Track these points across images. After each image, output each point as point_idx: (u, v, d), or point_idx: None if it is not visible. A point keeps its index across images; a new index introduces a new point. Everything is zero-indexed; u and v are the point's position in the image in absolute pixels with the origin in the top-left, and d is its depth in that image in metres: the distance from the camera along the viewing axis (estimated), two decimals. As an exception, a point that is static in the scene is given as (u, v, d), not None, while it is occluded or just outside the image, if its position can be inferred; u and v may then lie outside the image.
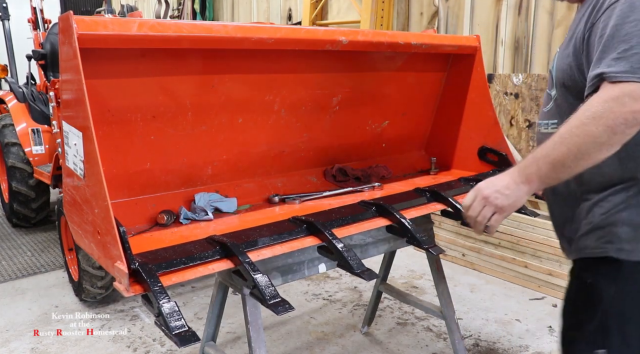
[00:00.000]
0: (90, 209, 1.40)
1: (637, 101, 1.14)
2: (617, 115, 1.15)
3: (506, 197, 1.32)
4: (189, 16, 7.26)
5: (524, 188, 1.30)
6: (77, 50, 1.29)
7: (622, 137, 1.16)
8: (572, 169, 1.23)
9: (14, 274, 3.76)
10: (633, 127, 1.15)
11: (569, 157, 1.22)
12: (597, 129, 1.17)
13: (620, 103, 1.15)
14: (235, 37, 1.63)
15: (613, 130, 1.15)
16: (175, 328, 1.20)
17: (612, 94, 1.16)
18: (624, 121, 1.14)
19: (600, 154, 1.19)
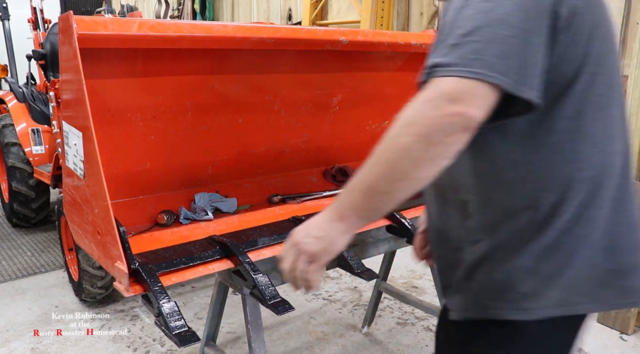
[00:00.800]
0: (90, 209, 1.41)
1: (454, 101, 0.88)
2: (430, 121, 0.89)
3: (318, 241, 0.99)
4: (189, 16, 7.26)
5: (339, 227, 0.98)
6: (77, 50, 1.29)
7: (444, 148, 0.89)
8: (391, 194, 0.93)
9: (14, 274, 3.75)
10: (453, 134, 0.88)
11: (382, 179, 0.93)
12: (408, 139, 0.90)
13: (434, 105, 0.89)
14: (235, 37, 1.63)
15: (428, 140, 0.88)
16: (176, 328, 1.21)
17: (429, 94, 0.92)
18: (439, 127, 0.88)
19: (420, 171, 0.91)
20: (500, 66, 0.88)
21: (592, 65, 0.97)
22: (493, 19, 0.91)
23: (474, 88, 0.88)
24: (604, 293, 1.02)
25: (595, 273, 1.01)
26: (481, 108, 0.88)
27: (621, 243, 1.03)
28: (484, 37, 0.90)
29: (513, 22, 0.90)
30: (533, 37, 0.91)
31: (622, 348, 2.69)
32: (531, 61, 0.91)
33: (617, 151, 1.02)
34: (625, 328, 2.80)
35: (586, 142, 0.98)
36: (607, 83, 1.00)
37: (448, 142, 0.89)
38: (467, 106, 0.87)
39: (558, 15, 0.93)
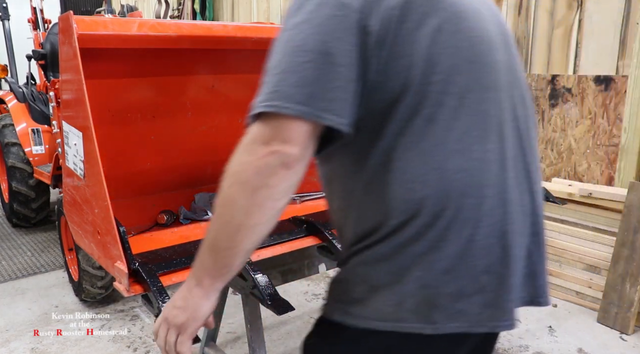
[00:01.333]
0: (90, 209, 1.41)
1: (266, 142, 0.85)
2: (247, 167, 0.86)
3: (182, 311, 0.96)
4: (189, 16, 7.26)
5: (198, 292, 0.95)
6: (77, 50, 1.29)
7: (269, 190, 0.86)
8: (235, 248, 0.90)
9: (14, 274, 3.75)
10: (273, 175, 0.85)
11: (221, 235, 0.90)
12: (232, 190, 0.88)
13: (249, 150, 0.88)
14: (235, 37, 1.63)
15: (250, 186, 0.86)
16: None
17: (244, 140, 0.90)
18: (257, 171, 0.85)
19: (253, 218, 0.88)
20: (297, 95, 0.84)
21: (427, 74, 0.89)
22: (291, 48, 0.88)
23: (279, 123, 0.85)
24: (435, 314, 0.95)
25: (426, 293, 0.94)
26: (295, 142, 0.85)
27: (463, 267, 0.93)
28: (282, 68, 0.87)
29: (310, 47, 0.86)
30: (334, 59, 0.86)
31: (622, 348, 2.69)
32: (333, 85, 0.86)
33: (465, 167, 0.91)
34: (625, 328, 2.80)
35: (418, 161, 0.90)
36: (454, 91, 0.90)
37: (271, 183, 0.85)
38: (279, 143, 0.84)
39: (368, 31, 0.87)
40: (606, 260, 2.93)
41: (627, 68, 3.10)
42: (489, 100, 0.94)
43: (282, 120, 0.85)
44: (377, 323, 0.97)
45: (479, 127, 0.92)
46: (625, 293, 2.79)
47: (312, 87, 0.85)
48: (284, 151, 0.84)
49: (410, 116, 0.89)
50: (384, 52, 0.89)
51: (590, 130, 3.34)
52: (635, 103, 3.03)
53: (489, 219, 0.93)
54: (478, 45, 0.94)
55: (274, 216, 0.89)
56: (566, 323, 2.97)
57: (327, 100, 0.85)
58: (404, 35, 0.88)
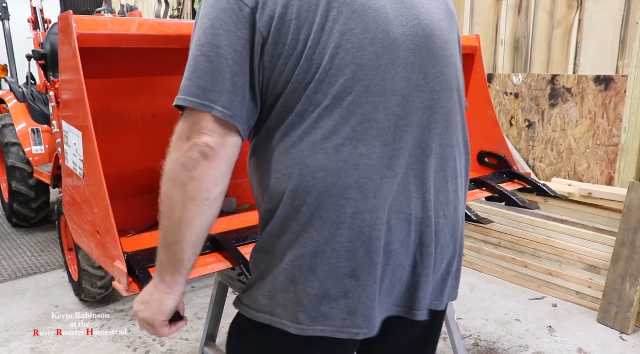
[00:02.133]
0: (90, 209, 1.41)
1: (186, 137, 0.90)
2: (174, 164, 0.91)
3: (147, 306, 1.01)
4: (189, 16, 7.26)
5: (162, 288, 0.99)
6: (76, 50, 1.29)
7: (197, 182, 0.89)
8: (181, 242, 0.93)
9: (14, 274, 3.76)
10: (196, 167, 0.88)
11: (167, 232, 0.94)
12: (167, 187, 0.92)
13: (175, 147, 0.92)
14: (235, 37, 1.63)
15: (179, 181, 0.90)
16: None
17: (171, 142, 0.95)
18: (182, 166, 0.89)
19: (190, 212, 0.90)
20: (190, 88, 0.89)
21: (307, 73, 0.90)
22: (193, 43, 0.93)
23: (191, 117, 0.90)
24: (300, 314, 0.95)
25: (294, 290, 0.94)
26: (206, 132, 0.88)
27: (326, 268, 0.93)
28: (188, 63, 0.92)
29: (204, 41, 0.90)
30: (224, 53, 0.89)
31: (622, 348, 2.69)
32: (222, 77, 0.89)
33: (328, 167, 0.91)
34: (625, 328, 2.80)
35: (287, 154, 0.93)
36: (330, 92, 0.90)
37: (196, 175, 0.89)
38: (196, 135, 0.88)
39: (256, 26, 0.90)
40: (606, 260, 2.93)
41: (627, 68, 3.10)
42: (373, 103, 0.92)
43: (192, 113, 0.90)
44: (254, 313, 1.00)
45: (353, 129, 0.91)
46: (625, 293, 2.79)
47: (204, 80, 0.89)
48: (200, 141, 0.88)
49: (286, 112, 0.93)
50: (269, 49, 0.91)
51: (590, 130, 3.34)
52: (635, 103, 3.03)
53: (353, 223, 0.92)
54: (370, 47, 0.92)
55: (210, 206, 0.92)
56: (566, 323, 2.97)
57: (216, 92, 0.88)
58: (287, 34, 0.90)
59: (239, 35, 0.90)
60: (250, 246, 1.50)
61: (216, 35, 0.90)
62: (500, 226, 3.60)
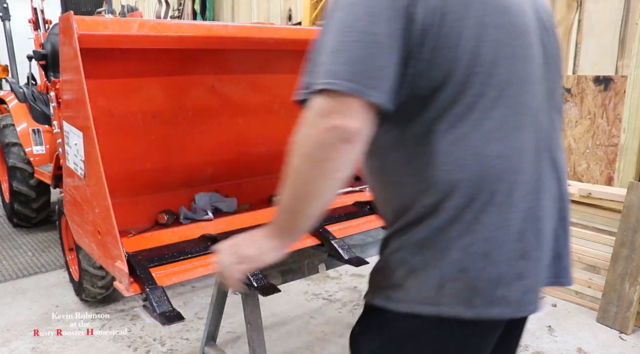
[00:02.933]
0: (91, 209, 1.41)
1: (325, 116, 0.90)
2: (309, 140, 0.91)
3: (251, 248, 1.07)
4: (189, 16, 7.26)
5: (270, 243, 1.05)
6: (77, 50, 1.30)
7: (331, 163, 0.91)
8: (304, 212, 0.97)
9: (14, 274, 3.76)
10: (333, 148, 0.89)
11: (292, 200, 0.98)
12: (298, 161, 0.94)
13: (311, 124, 0.92)
14: (235, 37, 1.63)
15: (313, 158, 0.91)
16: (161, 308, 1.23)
17: (306, 115, 0.94)
18: (318, 145, 0.90)
19: (318, 187, 0.94)
20: (345, 73, 0.89)
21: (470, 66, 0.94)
22: (341, 28, 0.92)
23: (335, 99, 0.90)
24: (474, 298, 0.98)
25: (465, 277, 0.97)
26: (353, 116, 0.89)
27: (500, 251, 0.97)
28: (333, 47, 0.92)
29: (359, 28, 0.91)
30: (381, 40, 0.90)
31: (622, 348, 2.69)
32: (378, 64, 0.91)
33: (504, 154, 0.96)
34: (624, 327, 2.80)
35: (459, 145, 0.95)
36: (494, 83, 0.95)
37: (332, 156, 0.90)
38: (339, 117, 0.89)
39: (413, 18, 0.91)
40: (605, 260, 2.93)
41: (626, 68, 3.10)
42: (526, 92, 0.99)
43: (337, 96, 0.90)
44: (418, 307, 1.01)
45: (516, 117, 0.98)
46: (624, 293, 2.79)
47: (359, 65, 0.90)
48: (343, 125, 0.89)
49: (450, 104, 0.95)
50: (430, 42, 0.93)
51: (589, 130, 3.35)
52: (635, 103, 3.03)
53: (522, 205, 0.98)
54: (517, 40, 0.98)
55: (338, 185, 0.94)
56: (566, 323, 2.97)
57: (372, 78, 0.90)
58: (448, 26, 0.92)
59: (394, 24, 0.91)
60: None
61: (372, 22, 0.90)
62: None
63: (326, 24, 0.97)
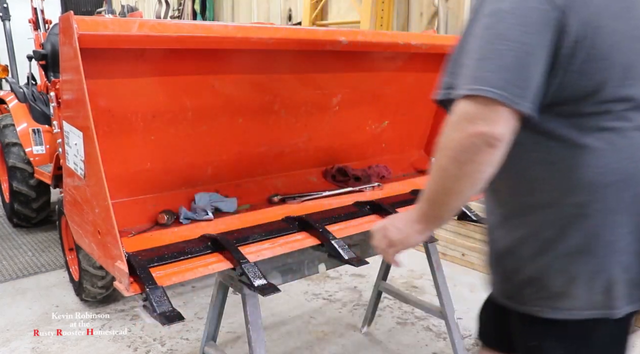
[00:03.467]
0: (91, 209, 1.41)
1: (471, 122, 0.95)
2: (456, 143, 0.97)
3: (398, 232, 1.17)
4: (189, 16, 7.26)
5: (415, 227, 1.14)
6: (77, 50, 1.30)
7: (475, 165, 0.96)
8: (448, 205, 1.06)
9: (14, 274, 3.76)
10: (478, 152, 0.95)
11: (436, 194, 1.06)
12: (444, 161, 1.01)
13: (457, 128, 0.98)
14: (235, 37, 1.63)
15: (459, 160, 0.97)
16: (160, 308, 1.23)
17: (453, 119, 1.00)
18: (464, 149, 0.96)
19: (462, 185, 1.00)
20: (494, 80, 0.93)
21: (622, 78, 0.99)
22: (493, 35, 0.96)
23: (482, 105, 0.94)
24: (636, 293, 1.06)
25: (629, 276, 1.05)
26: (499, 123, 0.94)
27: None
28: (482, 53, 0.96)
29: (511, 37, 0.94)
30: (532, 50, 0.94)
31: (622, 348, 2.69)
32: (528, 74, 0.94)
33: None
34: (625, 327, 2.79)
35: (610, 150, 1.01)
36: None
37: (477, 159, 0.96)
38: (484, 123, 0.94)
39: (565, 30, 0.95)
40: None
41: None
42: None
43: (485, 102, 0.94)
44: (588, 312, 1.07)
45: None
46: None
47: (510, 74, 0.94)
48: (489, 131, 0.94)
49: (603, 112, 1.00)
50: (581, 53, 0.96)
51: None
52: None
53: None
54: None
55: (480, 183, 1.01)
56: (566, 323, 2.97)
57: (520, 87, 0.94)
58: (601, 39, 0.97)
59: (546, 36, 0.95)
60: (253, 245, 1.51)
61: (525, 32, 0.94)
62: (500, 226, 3.60)
63: (471, 27, 1.01)
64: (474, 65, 0.97)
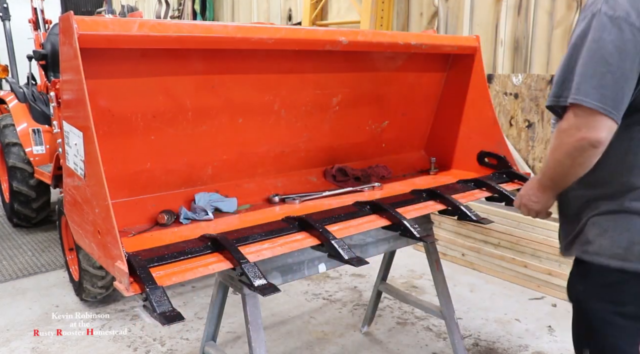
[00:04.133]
0: (91, 209, 1.41)
1: (578, 129, 1.33)
2: (569, 146, 1.36)
3: (536, 203, 1.63)
4: (189, 16, 7.27)
5: (545, 195, 1.59)
6: (77, 50, 1.30)
7: (584, 158, 1.36)
8: (566, 181, 1.47)
9: (14, 274, 3.76)
10: (584, 152, 1.34)
11: (555, 175, 1.49)
12: (560, 156, 1.41)
13: (568, 135, 1.35)
14: (235, 37, 1.63)
15: (571, 156, 1.37)
16: (160, 308, 1.23)
17: (563, 125, 1.37)
18: (575, 150, 1.35)
19: (574, 171, 1.41)
20: (595, 95, 1.29)
21: None
22: (596, 58, 1.29)
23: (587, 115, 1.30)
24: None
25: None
26: (600, 130, 1.30)
27: None
28: (587, 72, 1.30)
29: (611, 62, 1.28)
30: (626, 74, 1.28)
31: (622, 348, 2.69)
32: (621, 92, 1.29)
33: None
34: (624, 327, 2.80)
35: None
36: None
37: (584, 156, 1.35)
38: (587, 131, 1.31)
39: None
40: (606, 260, 2.93)
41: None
42: None
43: (587, 112, 1.31)
44: (608, 260, 1.42)
45: None
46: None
47: (608, 91, 1.28)
48: (592, 137, 1.31)
49: None
50: None
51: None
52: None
53: None
54: None
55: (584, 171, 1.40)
56: (565, 323, 2.96)
57: (615, 101, 1.29)
58: None
59: (637, 61, 1.28)
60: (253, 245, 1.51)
61: (622, 59, 1.27)
62: (500, 226, 3.60)
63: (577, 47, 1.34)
64: (579, 80, 1.31)
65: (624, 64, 1.26)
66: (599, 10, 1.29)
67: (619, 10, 1.27)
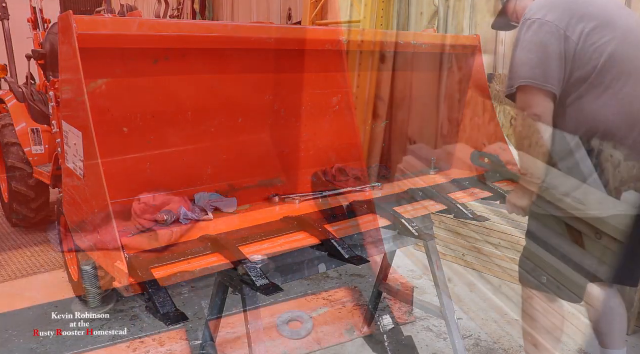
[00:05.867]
0: (90, 209, 1.41)
1: (525, 108, 1.79)
2: (523, 122, 1.80)
3: (521, 202, 1.97)
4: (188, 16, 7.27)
5: (522, 194, 1.96)
6: (76, 50, 1.29)
7: (537, 130, 1.75)
8: (537, 165, 1.82)
9: (13, 274, 3.76)
10: (535, 125, 1.75)
11: (524, 163, 1.88)
12: (520, 137, 1.86)
13: (520, 115, 1.80)
14: (235, 37, 1.63)
15: (529, 130, 1.76)
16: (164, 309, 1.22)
17: (518, 106, 1.81)
18: (527, 124, 1.77)
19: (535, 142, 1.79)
20: (529, 74, 1.73)
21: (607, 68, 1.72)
22: (527, 51, 1.75)
23: (527, 93, 1.75)
24: None
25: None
26: (539, 105, 1.74)
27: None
28: (522, 61, 1.76)
29: (536, 50, 1.73)
30: (551, 55, 1.71)
31: (622, 348, 2.69)
32: (550, 69, 1.72)
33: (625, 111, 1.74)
34: (625, 327, 2.80)
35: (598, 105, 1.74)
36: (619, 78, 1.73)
37: (535, 129, 1.73)
38: (531, 107, 1.75)
39: (569, 40, 1.73)
40: (606, 260, 2.93)
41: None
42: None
43: (529, 90, 1.75)
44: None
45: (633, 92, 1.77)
46: (625, 293, 2.79)
47: (539, 70, 1.72)
48: (534, 112, 1.74)
49: (594, 85, 1.74)
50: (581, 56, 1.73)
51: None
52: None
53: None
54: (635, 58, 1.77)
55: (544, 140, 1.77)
56: (565, 323, 2.96)
57: (547, 76, 1.72)
58: (592, 47, 1.73)
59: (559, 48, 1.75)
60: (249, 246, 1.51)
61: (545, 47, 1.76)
62: (500, 226, 3.60)
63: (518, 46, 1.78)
64: (517, 70, 1.77)
65: (546, 49, 1.70)
66: (525, 18, 1.80)
67: (538, 14, 1.75)
